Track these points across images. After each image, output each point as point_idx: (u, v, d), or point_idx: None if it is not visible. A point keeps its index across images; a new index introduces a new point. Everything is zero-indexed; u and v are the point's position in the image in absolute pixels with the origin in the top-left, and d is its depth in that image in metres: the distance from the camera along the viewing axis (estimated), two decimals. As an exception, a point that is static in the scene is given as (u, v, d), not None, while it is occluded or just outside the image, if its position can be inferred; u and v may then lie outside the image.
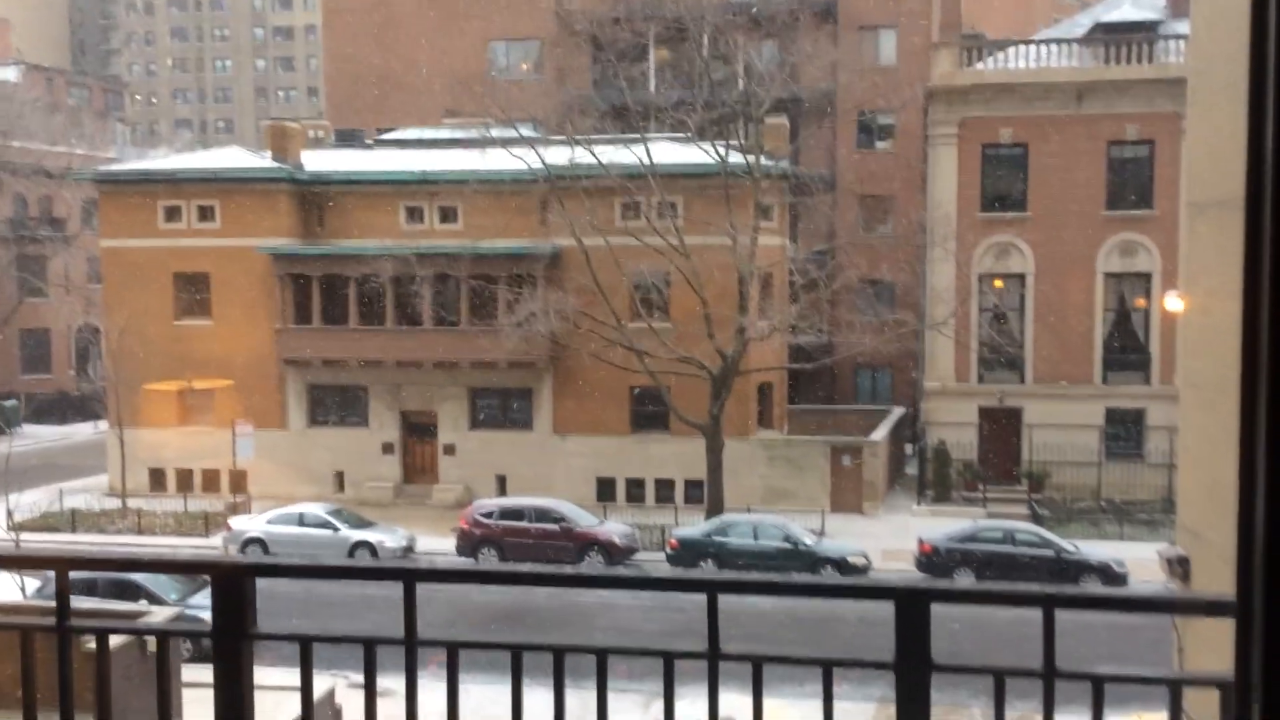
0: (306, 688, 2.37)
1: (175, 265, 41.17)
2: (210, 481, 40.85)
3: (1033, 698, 2.49)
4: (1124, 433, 38.89)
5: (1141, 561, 29.06)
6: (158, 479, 41.48)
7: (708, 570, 29.32)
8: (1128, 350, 39.21)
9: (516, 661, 2.29)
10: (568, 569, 4.49)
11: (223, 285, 41.07)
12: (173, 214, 41.51)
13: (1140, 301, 38.96)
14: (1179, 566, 12.23)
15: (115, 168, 47.92)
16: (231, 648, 2.30)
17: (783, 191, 39.63)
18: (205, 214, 41.34)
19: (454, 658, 2.34)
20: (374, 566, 2.86)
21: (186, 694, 14.22)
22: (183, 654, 15.50)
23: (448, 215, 40.51)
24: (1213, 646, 11.81)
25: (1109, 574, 28.94)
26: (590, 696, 3.39)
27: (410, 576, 2.31)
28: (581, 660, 2.35)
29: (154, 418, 40.98)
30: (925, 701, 2.12)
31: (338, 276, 40.04)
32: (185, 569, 2.03)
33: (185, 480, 41.09)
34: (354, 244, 40.16)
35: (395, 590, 2.32)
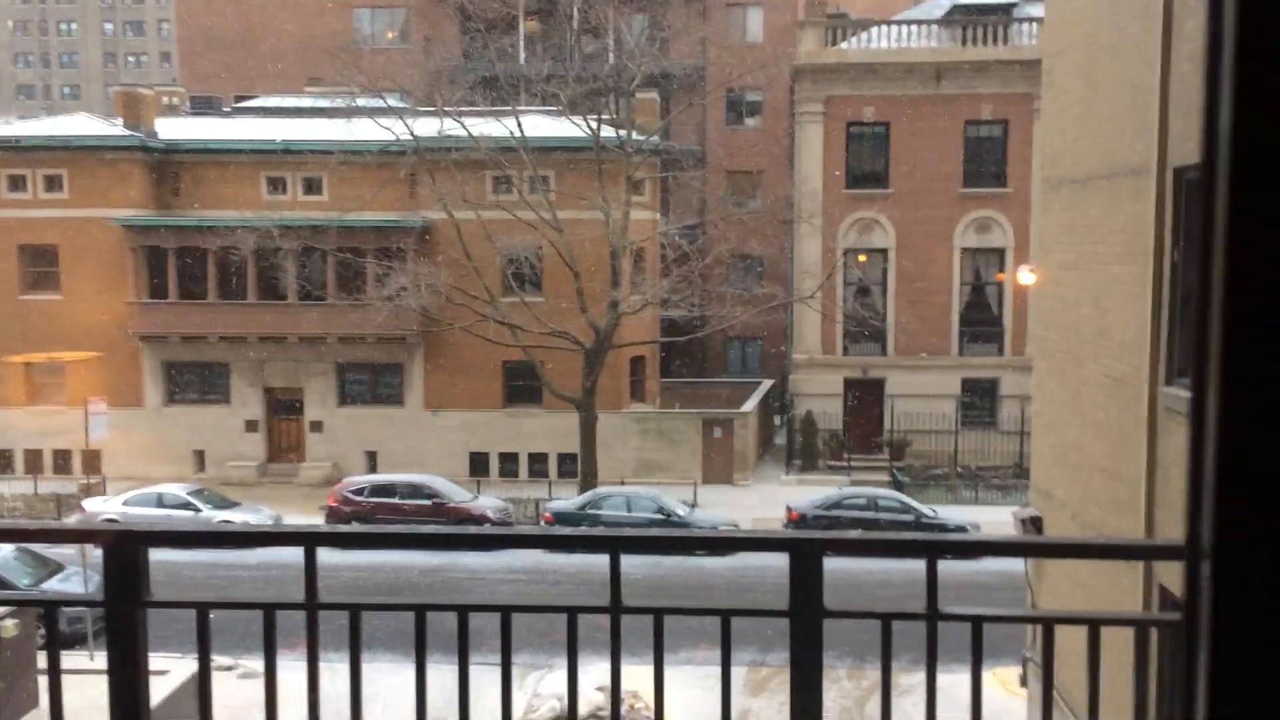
0: (204, 656, 2.34)
1: (21, 237, 39.12)
2: (62, 462, 39.12)
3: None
4: (979, 402, 40.50)
5: (996, 524, 30.43)
6: (5, 460, 39.51)
7: (610, 527, 29.53)
8: (983, 323, 40.77)
9: (420, 622, 2.31)
10: (472, 529, 4.41)
11: (73, 258, 39.21)
12: (17, 183, 39.40)
13: (996, 276, 40.51)
14: (1032, 526, 12.89)
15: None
16: (125, 617, 2.26)
17: (654, 166, 39.83)
18: (53, 184, 39.35)
19: (356, 621, 2.35)
20: (272, 531, 2.80)
21: (43, 680, 13.69)
22: (36, 640, 14.87)
23: (312, 186, 39.46)
24: (1062, 602, 12.47)
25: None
26: (477, 669, 3.44)
27: (311, 540, 2.30)
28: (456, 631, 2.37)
29: (1, 396, 38.99)
30: (818, 646, 2.23)
31: (196, 249, 38.64)
32: (73, 538, 1.95)
33: (35, 461, 39.23)
34: (212, 215, 38.78)
35: (268, 571, 2.31)
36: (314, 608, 2.29)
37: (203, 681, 2.36)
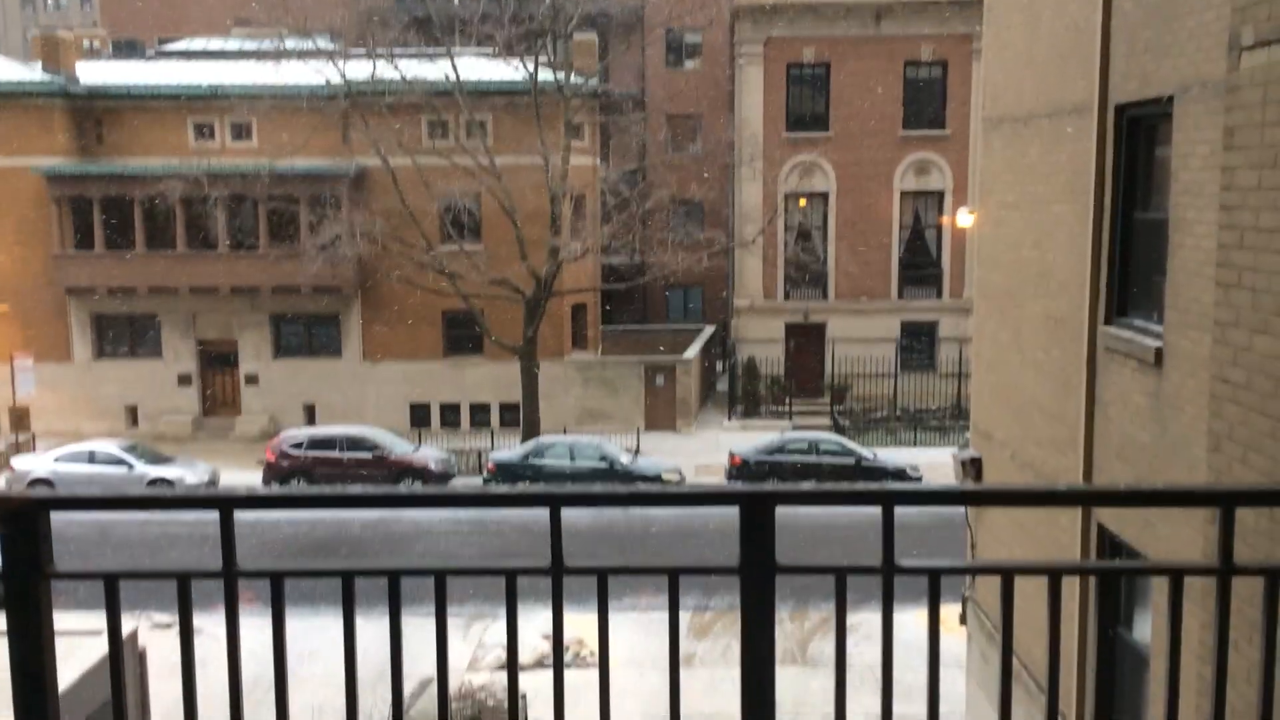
0: (114, 628, 2.17)
1: (-65, 187, 37.71)
2: (-12, 420, 38.10)
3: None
4: (918, 345, 40.92)
5: (935, 465, 30.88)
6: (-73, 419, 38.40)
7: (550, 483, 29.46)
8: (922, 266, 41.07)
9: (348, 587, 2.17)
10: (402, 489, 4.26)
11: (-8, 208, 37.90)
12: (-71, 131, 37.90)
13: (936, 219, 40.75)
14: (972, 468, 13.00)
15: None
16: (26, 589, 2.08)
17: (593, 110, 39.32)
18: (-33, 131, 37.90)
19: (279, 587, 2.19)
20: (184, 495, 2.64)
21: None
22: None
23: (241, 132, 38.41)
24: (1003, 544, 12.63)
25: (904, 478, 30.59)
26: (407, 623, 3.30)
27: (227, 503, 2.13)
28: (405, 582, 2.23)
29: (-81, 353, 37.78)
30: (770, 602, 2.12)
31: (121, 198, 37.54)
32: None
33: (-41, 420, 38.16)
34: (138, 163, 37.64)
35: (200, 528, 2.15)
36: (232, 575, 2.13)
37: (114, 656, 2.20)
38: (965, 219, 21.63)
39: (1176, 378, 8.03)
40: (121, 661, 2.22)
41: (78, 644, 11.82)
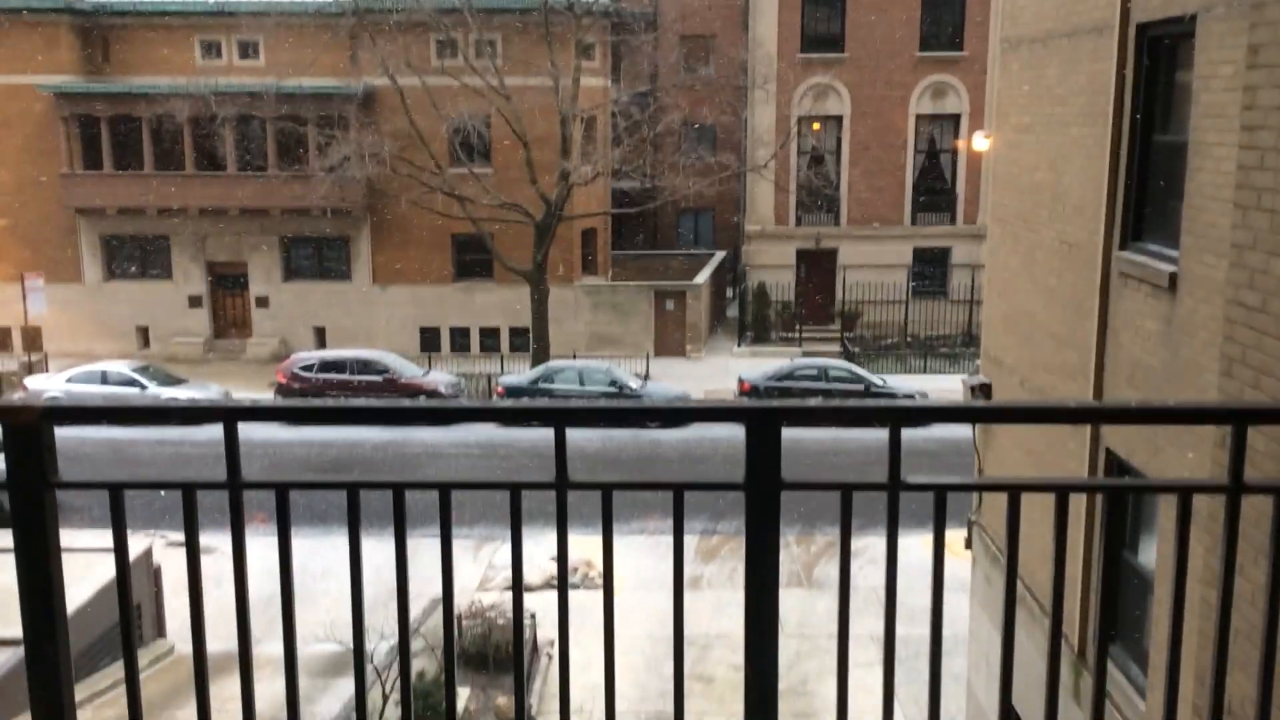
0: (120, 540, 2.18)
1: (-58, 105, 37.47)
2: (1, 339, 38.33)
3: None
4: (930, 271, 40.68)
5: (945, 392, 30.89)
6: (-60, 339, 38.64)
7: (557, 400, 29.67)
8: (936, 191, 40.66)
9: (353, 501, 2.16)
10: (406, 402, 4.24)
11: (1, 127, 37.66)
12: (-66, 48, 37.53)
13: (952, 143, 40.24)
14: (982, 393, 12.99)
15: None
16: (31, 500, 2.09)
17: (605, 30, 38.67)
18: (-27, 48, 37.54)
19: (284, 501, 2.19)
20: (189, 407, 2.64)
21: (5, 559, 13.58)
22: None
23: (248, 50, 37.94)
24: (1010, 467, 12.66)
25: (915, 405, 30.60)
26: (419, 543, 3.31)
27: (230, 415, 2.12)
28: (413, 505, 2.23)
29: (-70, 274, 37.89)
30: (775, 519, 2.11)
31: (129, 117, 37.24)
32: None
33: (-28, 340, 38.41)
34: (145, 81, 37.27)
35: (215, 448, 2.14)
36: (237, 487, 2.13)
37: (120, 567, 2.21)
38: (981, 143, 21.33)
39: (1190, 303, 7.97)
40: (128, 573, 2.23)
41: (96, 560, 12.03)
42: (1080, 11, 10.13)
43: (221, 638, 2.60)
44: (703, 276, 40.57)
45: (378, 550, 2.38)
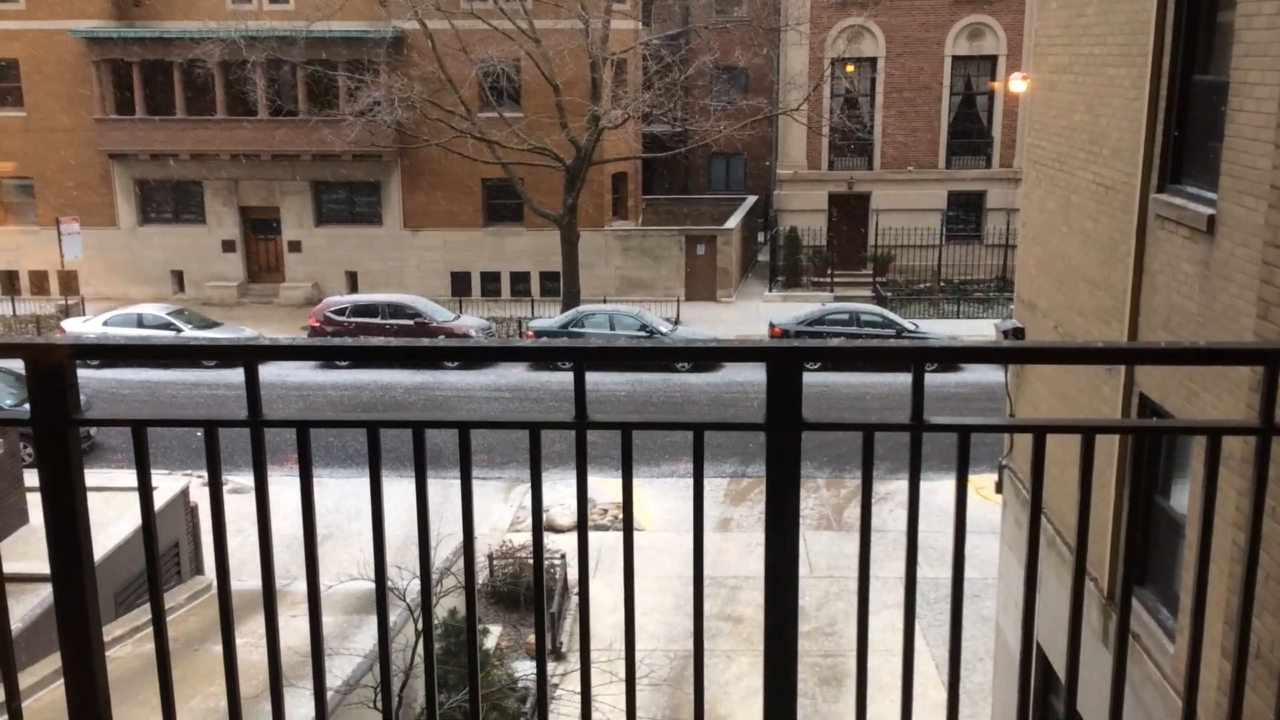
0: (143, 476, 2.20)
1: (-25, 50, 37.62)
2: (38, 283, 38.79)
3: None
4: (964, 215, 40.20)
5: (976, 336, 30.67)
6: (-20, 283, 39.15)
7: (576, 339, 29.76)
8: (971, 134, 40.04)
9: (374, 439, 2.17)
10: (425, 341, 4.22)
11: (34, 72, 37.81)
12: (-34, -7, 37.61)
13: (988, 85, 39.54)
14: (1014, 338, 12.87)
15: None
16: (55, 437, 2.10)
17: (634, -29, 38.17)
18: (7, -8, 37.58)
19: (305, 438, 2.20)
20: (210, 345, 2.65)
21: (34, 497, 13.84)
22: (23, 459, 15.00)
23: (278, -6, 37.75)
24: (1039, 409, 12.56)
25: (947, 351, 30.43)
26: (451, 485, 3.31)
27: (251, 354, 2.13)
28: (443, 447, 2.24)
29: (-32, 219, 38.30)
30: (795, 461, 2.10)
31: (160, 62, 37.25)
32: None
33: (10, 282, 38.88)
34: (176, 26, 37.22)
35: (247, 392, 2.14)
36: (258, 424, 2.14)
37: (144, 503, 2.23)
38: (1018, 84, 20.92)
39: (1228, 246, 7.82)
40: (152, 508, 2.25)
41: (136, 498, 12.23)
42: (1122, -54, 9.87)
43: (255, 575, 2.64)
44: (734, 221, 40.31)
45: (408, 492, 2.39)
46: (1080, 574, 2.22)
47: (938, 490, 16.54)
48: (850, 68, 39.77)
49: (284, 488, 5.55)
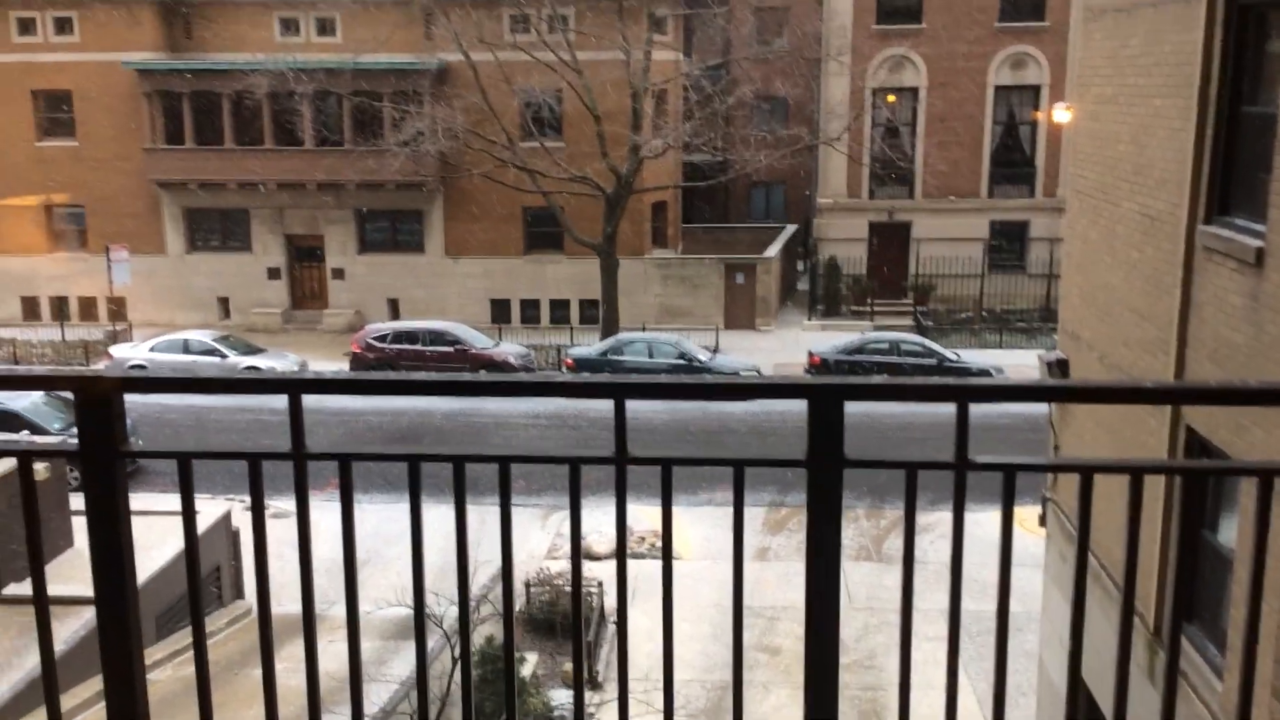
0: (188, 508, 2.22)
1: (33, 81, 38.50)
2: (87, 309, 39.47)
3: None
4: (1007, 245, 39.92)
5: (1020, 367, 30.38)
6: (31, 308, 39.89)
7: (617, 373, 29.76)
8: (1014, 164, 39.82)
9: (414, 472, 2.18)
10: (466, 376, 4.22)
11: (87, 103, 38.65)
12: (27, 26, 38.54)
13: (1031, 115, 39.34)
14: (1058, 369, 12.73)
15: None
16: (101, 467, 2.13)
17: (677, 3, 38.42)
18: (63, 26, 38.47)
19: (347, 471, 2.22)
20: (255, 379, 2.71)
21: (79, 521, 14.03)
22: (69, 482, 15.21)
23: (325, 27, 38.40)
24: (1087, 444, 12.40)
25: (989, 381, 30.14)
26: (489, 511, 3.32)
27: (296, 387, 2.15)
28: (482, 474, 2.24)
29: (23, 244, 39.11)
30: (837, 498, 2.08)
31: (210, 93, 37.95)
32: (45, 384, 1.89)
33: (60, 308, 39.59)
34: (225, 58, 37.94)
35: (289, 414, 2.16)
36: (301, 457, 2.16)
37: (188, 532, 2.26)
38: (1062, 114, 20.79)
39: (1277, 278, 7.71)
40: (195, 538, 2.28)
41: (179, 522, 12.39)
42: (1167, -24, 9.80)
43: (295, 599, 2.65)
44: (773, 249, 40.27)
45: (445, 517, 2.41)
46: (1128, 615, 2.18)
47: (980, 522, 16.32)
48: (892, 98, 39.74)
49: (324, 513, 5.57)
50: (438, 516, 2.28)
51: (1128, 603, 2.17)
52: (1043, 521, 13.85)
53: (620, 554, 2.23)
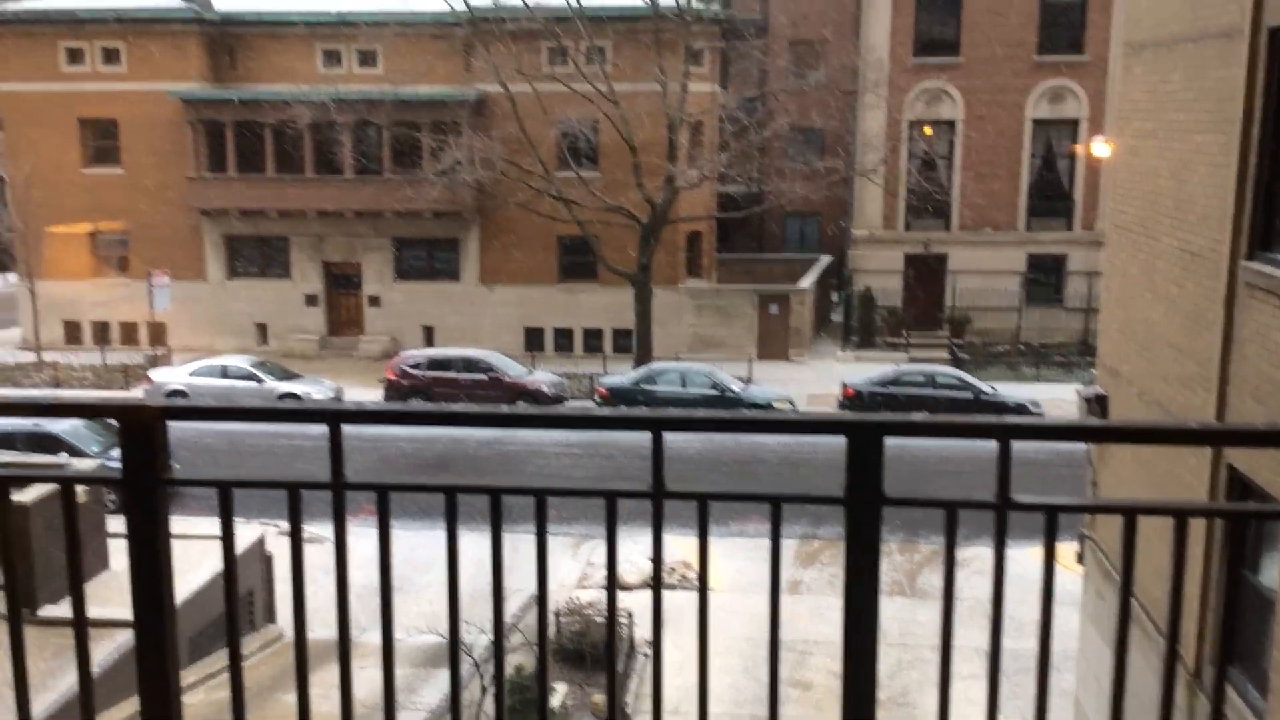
0: (227, 535, 2.24)
1: (81, 110, 39.25)
2: (128, 334, 40.00)
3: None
4: (1044, 278, 39.64)
5: (1058, 401, 30.09)
6: (73, 332, 40.48)
7: (655, 407, 29.77)
8: (1052, 197, 39.60)
9: (451, 503, 2.19)
10: (504, 408, 4.22)
11: (133, 132, 39.34)
12: (75, 56, 39.35)
13: (1069, 148, 39.16)
14: (1097, 405, 12.59)
15: (11, 6, 44.96)
16: (143, 495, 2.16)
17: (714, 36, 38.66)
18: (110, 56, 39.26)
19: (385, 501, 2.23)
20: (295, 408, 2.74)
21: (117, 544, 14.16)
22: (106, 505, 15.37)
23: (367, 59, 38.94)
24: (1125, 482, 12.24)
25: (1024, 414, 29.88)
26: (520, 539, 3.32)
27: (335, 418, 2.17)
28: (514, 502, 2.25)
29: (67, 269, 39.74)
30: (875, 535, 2.07)
31: (253, 123, 38.52)
32: (89, 412, 1.92)
33: (102, 333, 40.15)
34: (269, 88, 38.52)
35: (324, 441, 2.19)
36: (340, 488, 2.17)
37: (227, 560, 2.27)
38: (1101, 148, 20.67)
39: (1323, 317, 7.60)
40: (234, 564, 2.30)
41: (213, 547, 12.50)
42: (1207, 16, 9.75)
43: (327, 624, 2.66)
44: (808, 280, 40.21)
45: (477, 544, 2.42)
46: (1172, 660, 2.15)
47: (1016, 558, 16.09)
48: (928, 130, 39.70)
49: (356, 539, 5.60)
50: (469, 543, 2.29)
51: (1171, 648, 2.13)
52: (1080, 558, 13.66)
53: (656, 589, 2.22)
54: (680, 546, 21.16)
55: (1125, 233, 11.95)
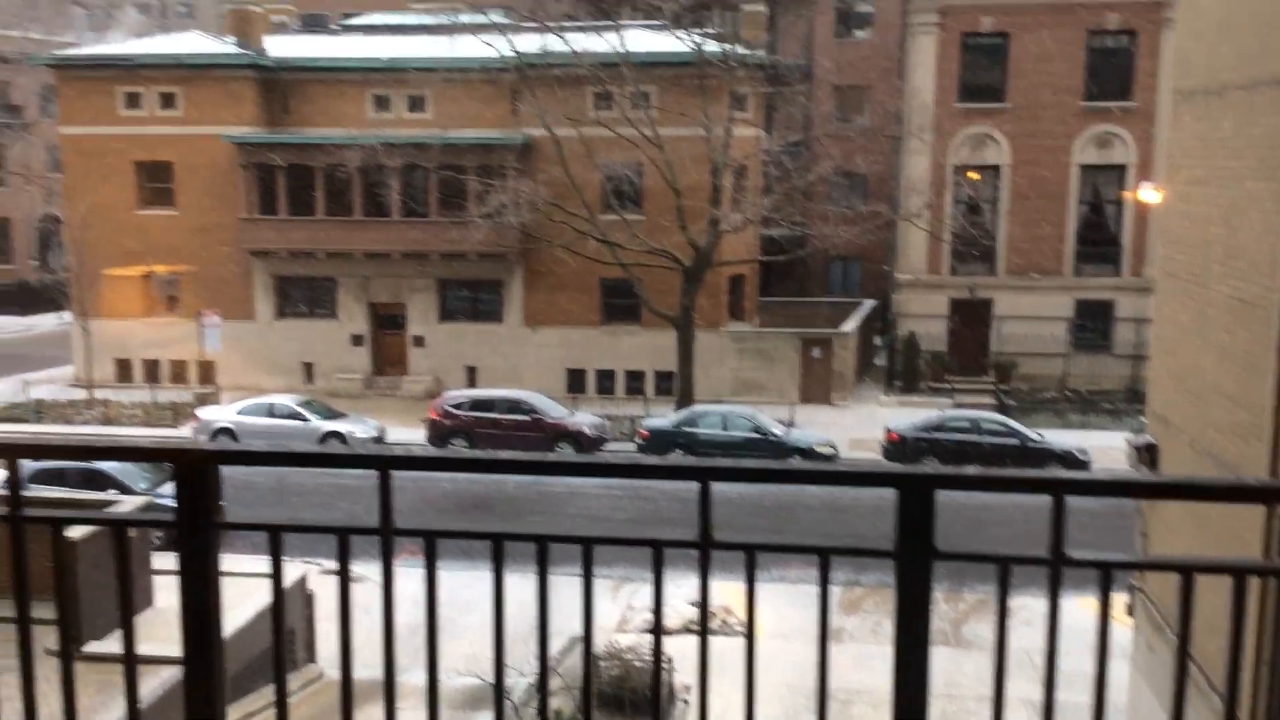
0: (276, 578, 2.26)
1: (137, 153, 40.14)
2: (178, 372, 40.57)
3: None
4: (1092, 324, 39.22)
5: (1105, 449, 29.61)
6: (124, 369, 41.13)
7: (702, 456, 29.72)
8: (1100, 243, 39.27)
9: (498, 550, 2.19)
10: (552, 456, 4.24)
11: (187, 174, 40.16)
12: (133, 101, 40.32)
13: (1117, 194, 38.86)
14: (1147, 454, 12.39)
15: (73, 52, 46.29)
16: (196, 538, 2.18)
17: (759, 81, 38.90)
18: (167, 101, 40.19)
19: (432, 547, 2.24)
20: (347, 454, 2.78)
21: (161, 580, 14.29)
22: (153, 542, 15.53)
23: (416, 104, 39.57)
24: (1176, 532, 12.01)
25: (1072, 462, 29.45)
26: (560, 580, 3.31)
27: (385, 464, 2.18)
28: (556, 547, 2.25)
29: (119, 308, 40.46)
30: (927, 589, 2.04)
31: (304, 166, 39.20)
32: (145, 455, 1.95)
33: (152, 371, 40.76)
34: (320, 133, 39.23)
35: (369, 479, 2.20)
36: (389, 533, 2.19)
37: (276, 600, 2.29)
38: (1149, 194, 20.51)
39: (1381, 368, 7.45)
40: (283, 605, 2.31)
41: (256, 585, 12.58)
42: (1258, 64, 9.68)
43: (368, 665, 2.66)
44: (851, 324, 40.05)
45: (519, 586, 2.42)
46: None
47: (1066, 609, 15.82)
48: (973, 175, 39.59)
49: (402, 578, 5.61)
50: (510, 584, 2.29)
51: (1230, 711, 2.08)
52: (1130, 610, 13.39)
53: (703, 637, 2.20)
54: (721, 591, 21.02)
55: (1176, 280, 11.81)
